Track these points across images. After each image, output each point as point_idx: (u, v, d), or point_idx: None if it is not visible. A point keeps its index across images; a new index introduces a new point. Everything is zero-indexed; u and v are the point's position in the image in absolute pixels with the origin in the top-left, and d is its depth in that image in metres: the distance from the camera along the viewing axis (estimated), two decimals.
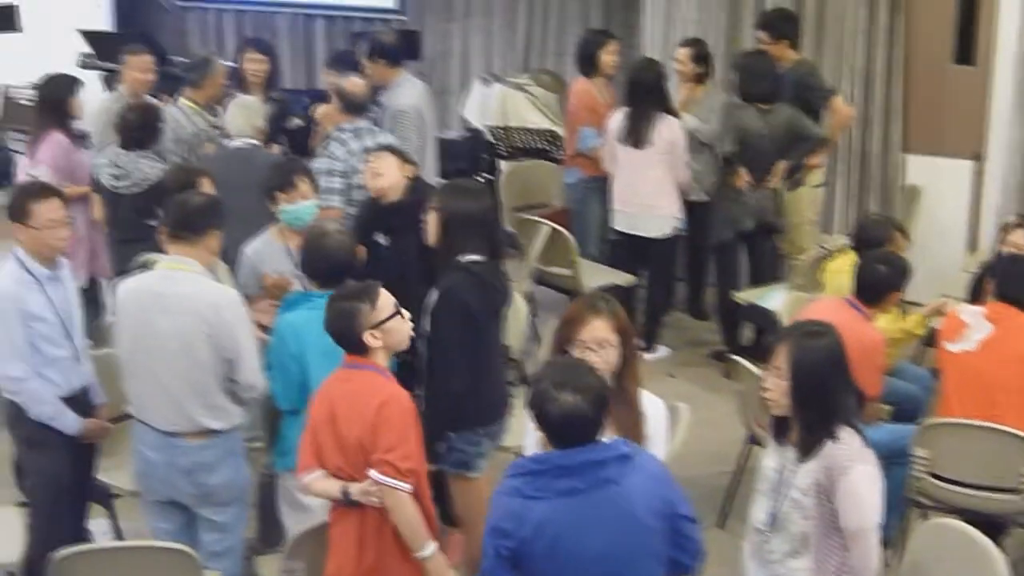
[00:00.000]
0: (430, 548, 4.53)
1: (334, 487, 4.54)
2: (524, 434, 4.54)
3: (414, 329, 4.77)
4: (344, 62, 8.29)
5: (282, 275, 5.93)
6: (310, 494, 4.76)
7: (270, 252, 6.07)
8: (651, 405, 4.52)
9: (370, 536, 4.54)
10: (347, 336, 4.54)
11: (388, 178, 6.31)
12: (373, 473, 4.42)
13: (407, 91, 8.14)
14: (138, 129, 7.28)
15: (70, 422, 5.39)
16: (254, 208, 6.20)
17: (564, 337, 4.42)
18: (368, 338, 4.49)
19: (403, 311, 4.61)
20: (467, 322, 5.08)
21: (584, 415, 3.73)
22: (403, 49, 11.70)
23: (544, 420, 3.78)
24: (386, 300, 4.56)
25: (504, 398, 5.62)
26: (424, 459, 4.63)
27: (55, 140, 7.51)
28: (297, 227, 5.95)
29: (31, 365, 5.27)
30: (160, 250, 5.51)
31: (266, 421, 5.72)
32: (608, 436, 3.90)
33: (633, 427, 4.37)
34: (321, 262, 5.36)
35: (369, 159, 6.45)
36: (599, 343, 4.36)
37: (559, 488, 3.75)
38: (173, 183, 6.13)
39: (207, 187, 6.04)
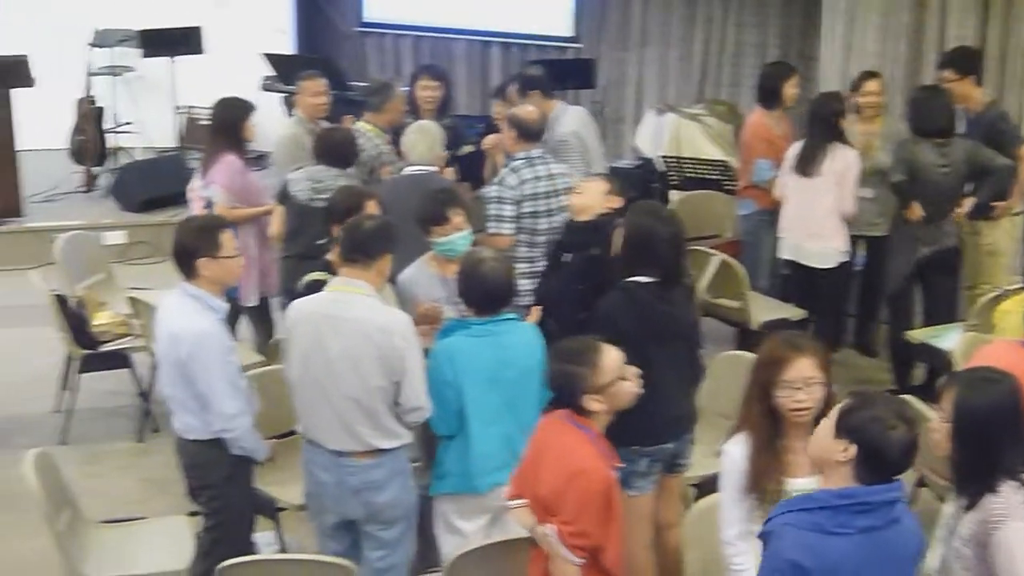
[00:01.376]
0: None
1: (529, 521, 4.55)
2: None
3: None
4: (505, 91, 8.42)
5: (435, 302, 5.96)
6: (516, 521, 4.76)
7: (423, 279, 6.11)
8: None
9: None
10: (567, 398, 4.49)
11: (585, 197, 6.38)
12: (549, 530, 4.41)
13: (567, 119, 8.19)
14: (339, 146, 7.40)
15: (263, 447, 5.49)
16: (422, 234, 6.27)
17: (766, 379, 4.32)
18: (589, 402, 4.44)
19: (629, 370, 4.54)
20: (623, 342, 5.03)
21: (914, 449, 3.66)
22: (576, 77, 11.82)
23: (892, 456, 3.64)
24: (611, 362, 4.47)
25: (678, 422, 5.55)
26: (615, 537, 4.49)
27: (228, 161, 7.66)
28: (451, 257, 5.99)
29: (238, 400, 5.31)
30: (329, 270, 5.60)
31: (424, 445, 5.77)
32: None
33: None
34: (477, 289, 5.37)
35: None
36: (806, 382, 4.27)
37: (860, 525, 3.63)
38: (340, 204, 6.21)
39: (373, 209, 6.10)
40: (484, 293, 5.34)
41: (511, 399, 5.28)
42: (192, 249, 5.27)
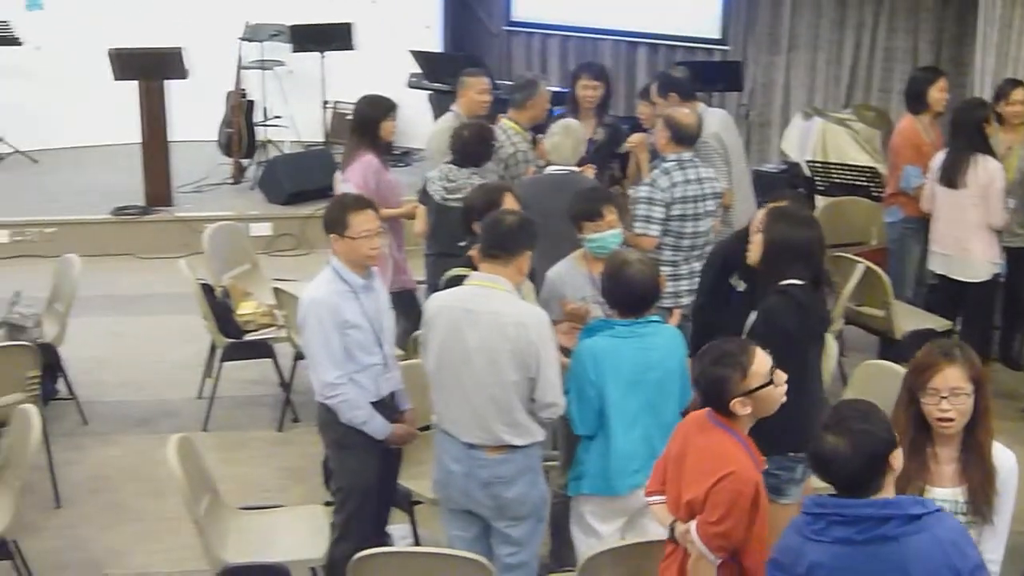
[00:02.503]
0: None
1: (667, 518, 4.53)
2: None
3: None
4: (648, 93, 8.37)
5: (583, 301, 5.96)
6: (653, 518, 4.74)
7: (572, 277, 6.11)
8: (1004, 458, 4.31)
9: None
10: (714, 400, 4.43)
11: None
12: (692, 527, 4.38)
13: (708, 121, 8.09)
14: (472, 145, 7.42)
15: (379, 427, 5.56)
16: (567, 232, 6.26)
17: (914, 384, 4.27)
18: (736, 406, 4.38)
19: (778, 374, 4.46)
20: (787, 345, 4.95)
21: (846, 461, 3.64)
22: (723, 79, 11.73)
23: (812, 459, 3.74)
24: (760, 366, 4.39)
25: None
26: (758, 541, 4.39)
27: (365, 161, 7.69)
28: (601, 255, 5.97)
29: (346, 372, 5.47)
30: (471, 267, 5.63)
31: (563, 443, 5.77)
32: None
33: (983, 480, 4.21)
34: (622, 290, 5.35)
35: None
36: (952, 391, 4.19)
37: (835, 535, 3.67)
38: (477, 201, 6.23)
39: (510, 203, 6.11)
40: (629, 294, 5.32)
41: (652, 401, 5.25)
42: (326, 225, 5.56)
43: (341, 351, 5.45)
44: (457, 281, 5.58)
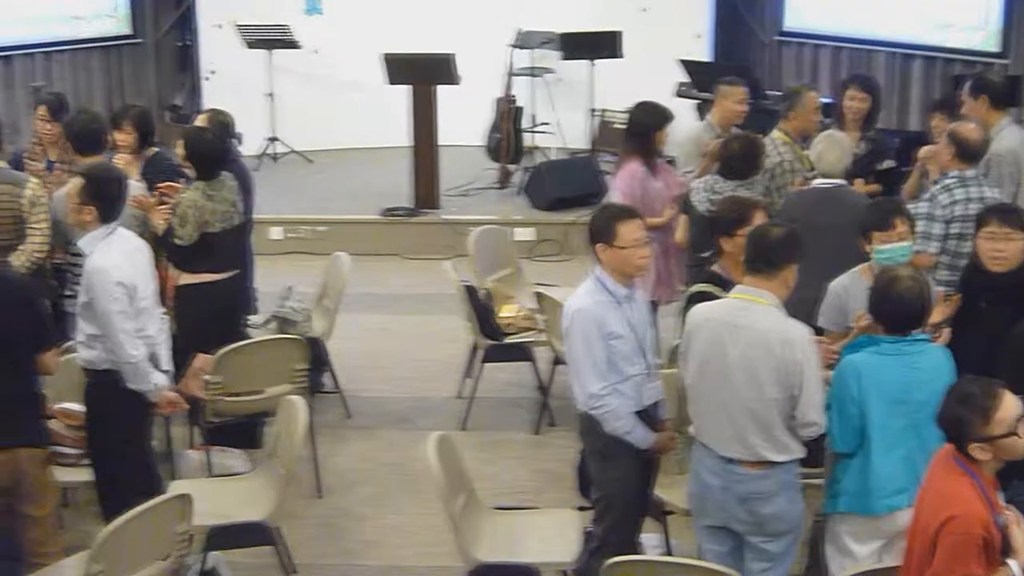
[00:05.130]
0: None
1: None
2: None
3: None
4: (951, 105, 8.06)
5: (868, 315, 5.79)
6: None
7: (857, 290, 5.93)
8: None
9: None
10: (954, 440, 4.30)
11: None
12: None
13: (1006, 136, 7.76)
14: (739, 159, 7.32)
15: (642, 436, 5.53)
16: (836, 246, 6.13)
17: None
18: (975, 451, 4.23)
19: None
20: None
21: None
22: (1004, 93, 11.28)
23: None
24: (1006, 413, 4.20)
25: None
26: None
27: (631, 170, 7.64)
28: (888, 267, 5.80)
29: (609, 382, 5.44)
30: (714, 281, 5.57)
31: (827, 461, 5.63)
32: None
33: None
34: (890, 306, 5.18)
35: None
36: None
37: None
38: (726, 215, 6.13)
39: (759, 220, 5.99)
40: (897, 311, 5.16)
41: (916, 422, 5.07)
42: (593, 234, 5.52)
43: (605, 362, 5.43)
44: (700, 298, 5.52)
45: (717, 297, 5.54)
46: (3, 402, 5.33)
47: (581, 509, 5.90)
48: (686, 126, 8.98)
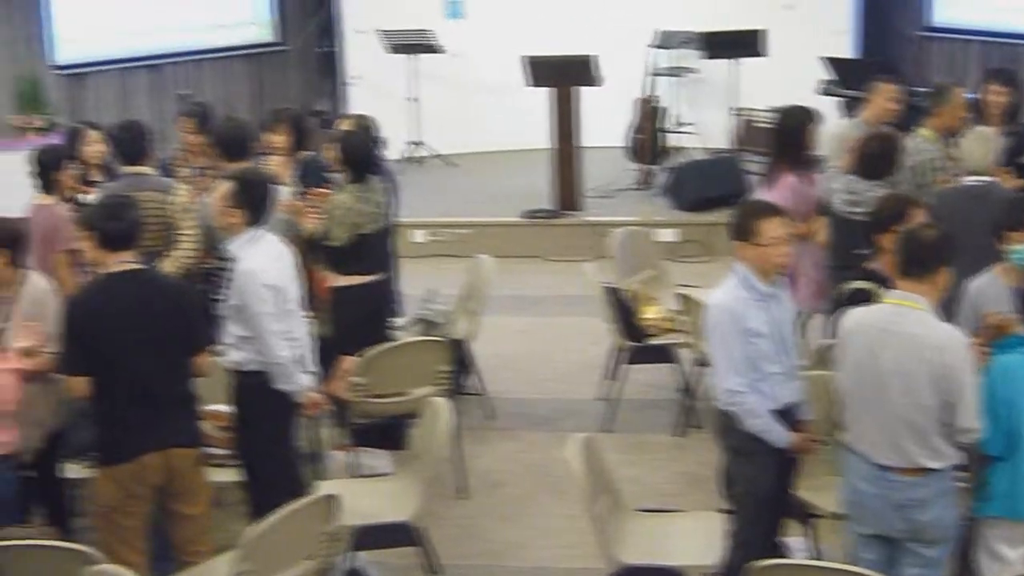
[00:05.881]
0: None
1: None
2: None
3: None
4: None
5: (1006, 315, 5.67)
6: None
7: (993, 291, 5.81)
8: None
9: None
10: None
11: None
12: None
13: None
14: (876, 158, 7.19)
15: (779, 435, 5.47)
16: (985, 246, 6.00)
17: None
18: None
19: None
20: None
21: None
22: None
23: None
24: None
25: None
26: None
27: (787, 184, 7.43)
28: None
29: (748, 379, 5.41)
30: (872, 279, 5.47)
31: (973, 464, 5.52)
32: None
33: None
34: None
35: None
36: None
37: None
38: (884, 213, 6.03)
39: (918, 218, 5.88)
40: None
41: None
42: (735, 231, 5.50)
43: (743, 359, 5.39)
44: (859, 295, 5.44)
45: (875, 295, 5.46)
46: (159, 403, 5.45)
47: (724, 512, 5.85)
48: (832, 124, 8.85)
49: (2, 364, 5.54)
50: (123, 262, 5.45)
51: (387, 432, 7.26)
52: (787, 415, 5.54)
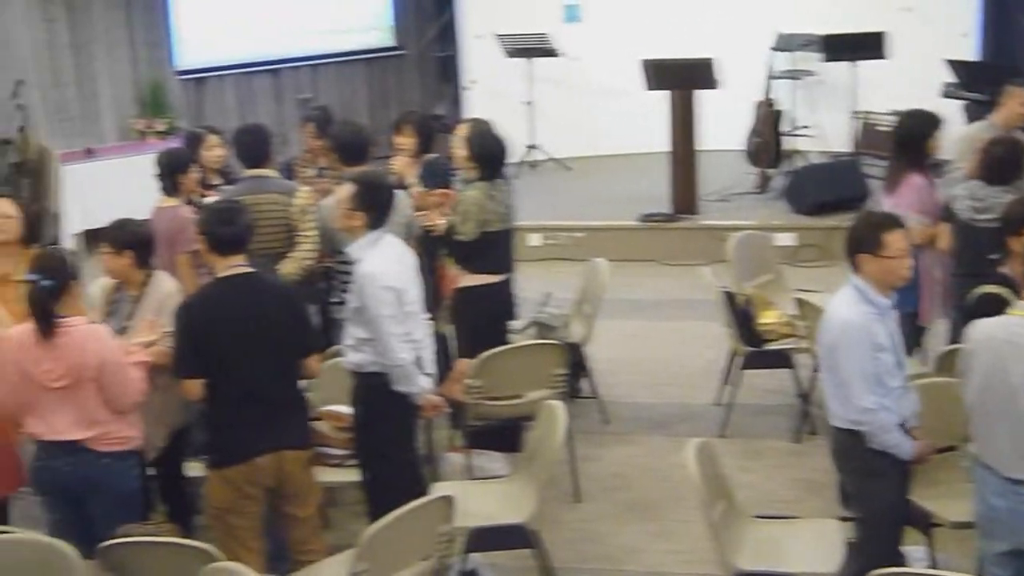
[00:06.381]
0: None
1: None
2: None
3: None
4: None
5: None
6: None
7: None
8: None
9: None
10: None
11: None
12: None
13: None
14: (1003, 162, 7.05)
15: (907, 447, 5.38)
16: None
17: None
18: None
19: None
20: None
21: None
22: None
23: None
24: None
25: None
26: None
27: (914, 184, 7.35)
28: None
29: (878, 396, 5.31)
30: (1005, 284, 5.37)
31: None
32: None
33: None
34: None
35: None
36: None
37: None
38: (1015, 215, 5.92)
39: None
40: None
41: None
42: (856, 243, 5.37)
43: (874, 375, 5.30)
44: (988, 299, 5.34)
45: (1006, 300, 5.36)
46: (270, 406, 5.51)
47: (843, 519, 5.78)
48: (958, 127, 8.70)
49: (131, 358, 5.65)
50: (234, 266, 5.54)
51: (502, 434, 7.27)
52: (902, 426, 5.46)
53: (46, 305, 5.42)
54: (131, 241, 6.05)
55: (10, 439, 6.05)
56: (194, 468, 6.25)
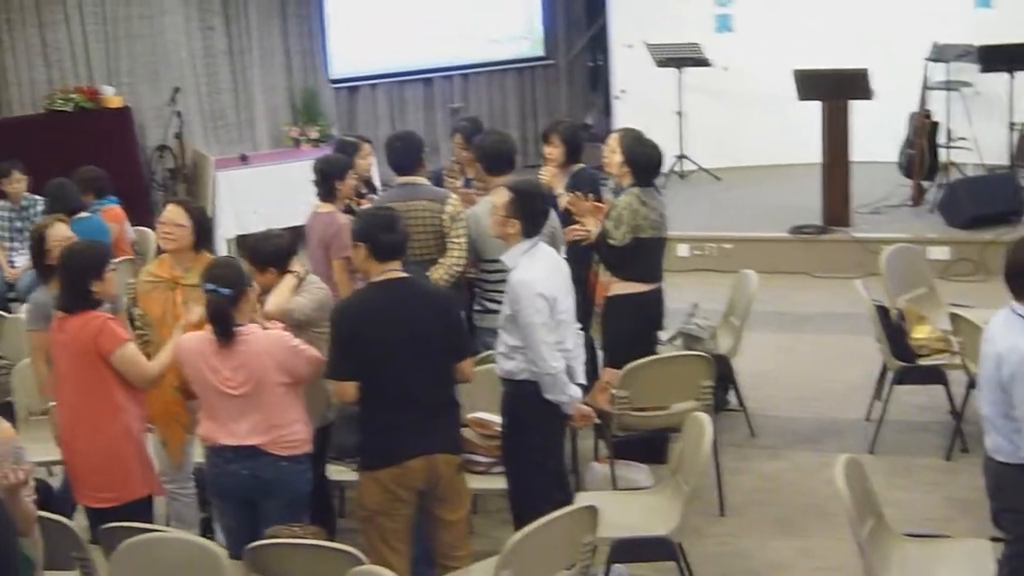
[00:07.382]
0: None
1: None
2: None
3: None
4: None
5: None
6: None
7: None
8: None
9: None
10: None
11: None
12: None
13: None
14: None
15: None
16: None
17: None
18: None
19: None
20: None
21: None
22: None
23: None
24: None
25: None
26: None
27: None
28: None
29: None
30: None
31: None
32: None
33: None
34: None
35: None
36: None
37: None
38: None
39: None
40: None
41: None
42: (1018, 270, 5.12)
43: None
44: None
45: None
46: (424, 409, 5.56)
47: (994, 540, 5.65)
48: None
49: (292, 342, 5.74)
50: (390, 271, 5.60)
51: (648, 446, 7.26)
52: None
53: (226, 314, 5.55)
54: (269, 258, 6.17)
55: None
56: (338, 472, 6.33)
